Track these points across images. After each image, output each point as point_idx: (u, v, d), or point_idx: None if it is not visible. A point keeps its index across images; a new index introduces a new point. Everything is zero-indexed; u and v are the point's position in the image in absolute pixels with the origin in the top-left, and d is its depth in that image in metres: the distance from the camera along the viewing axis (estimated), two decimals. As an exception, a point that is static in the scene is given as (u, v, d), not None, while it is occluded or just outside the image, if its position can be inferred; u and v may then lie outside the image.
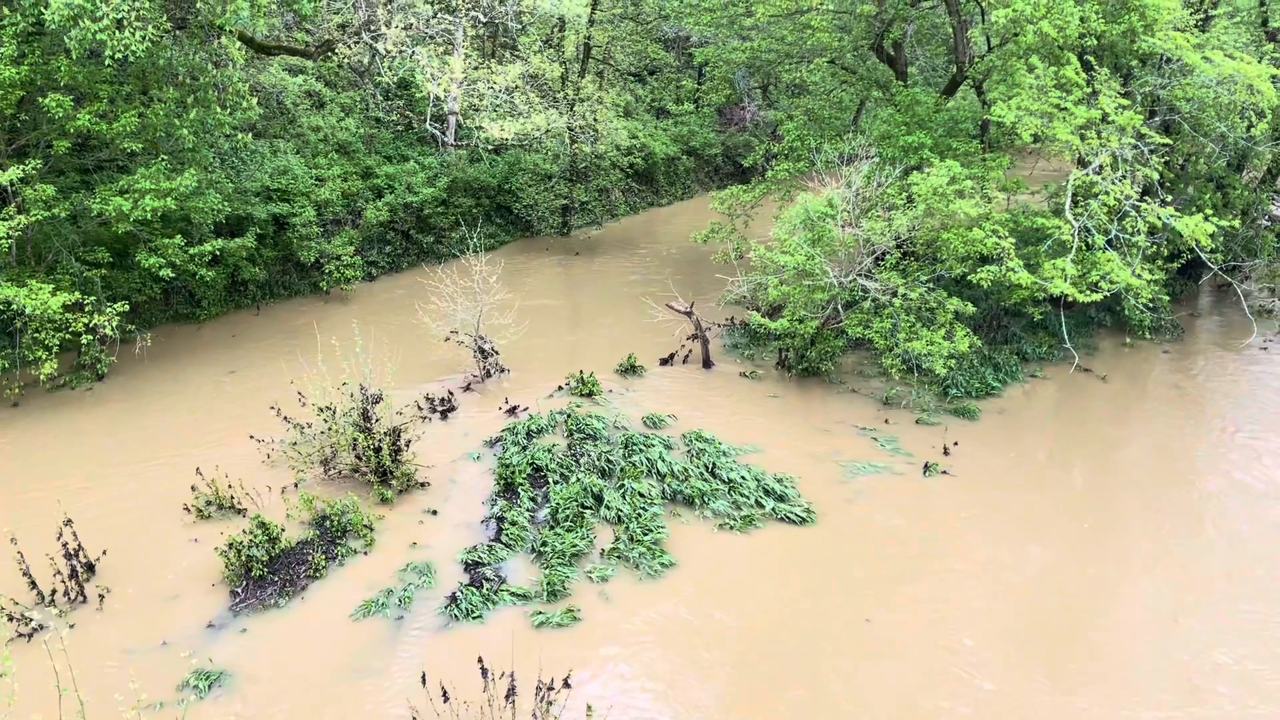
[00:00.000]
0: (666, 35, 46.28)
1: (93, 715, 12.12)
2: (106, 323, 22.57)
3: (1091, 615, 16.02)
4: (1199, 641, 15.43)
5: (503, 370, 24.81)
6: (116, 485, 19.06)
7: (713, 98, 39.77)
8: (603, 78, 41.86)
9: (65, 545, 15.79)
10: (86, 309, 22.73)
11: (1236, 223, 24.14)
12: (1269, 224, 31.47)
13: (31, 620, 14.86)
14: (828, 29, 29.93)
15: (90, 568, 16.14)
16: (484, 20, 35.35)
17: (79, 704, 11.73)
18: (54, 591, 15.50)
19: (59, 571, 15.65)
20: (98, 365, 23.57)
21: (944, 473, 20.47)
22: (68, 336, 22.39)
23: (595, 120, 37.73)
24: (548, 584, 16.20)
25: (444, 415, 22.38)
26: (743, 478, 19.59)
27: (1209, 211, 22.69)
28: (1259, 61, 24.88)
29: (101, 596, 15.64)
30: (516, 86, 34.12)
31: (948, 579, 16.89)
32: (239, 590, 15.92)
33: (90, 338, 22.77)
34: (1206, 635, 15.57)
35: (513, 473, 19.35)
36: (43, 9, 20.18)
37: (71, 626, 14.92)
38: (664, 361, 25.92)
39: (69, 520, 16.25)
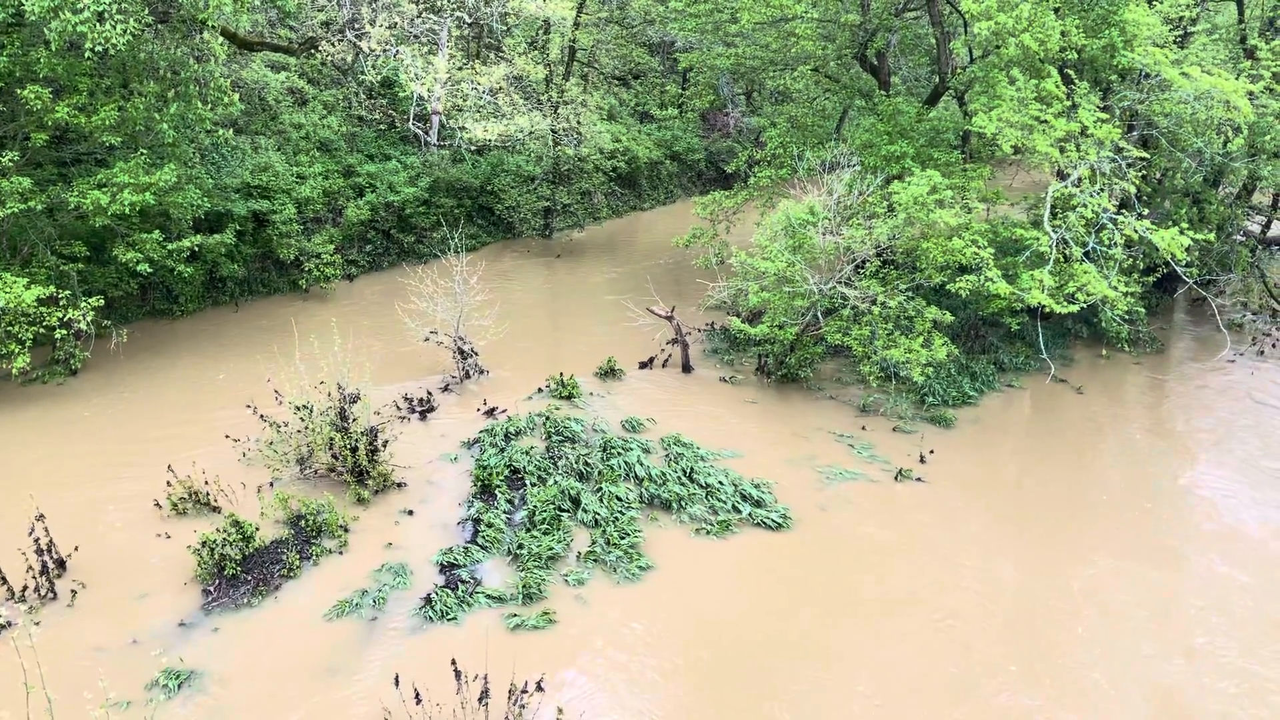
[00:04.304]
0: (651, 40, 46.41)
1: (61, 713, 12.00)
2: (82, 317, 22.36)
3: (1058, 626, 16.15)
4: (1164, 655, 15.58)
5: (482, 371, 24.75)
6: (89, 481, 18.87)
7: (697, 103, 39.95)
8: (587, 81, 41.93)
9: (37, 541, 15.62)
10: (62, 303, 22.49)
11: (1212, 237, 24.41)
12: (1243, 239, 31.85)
13: (0, 616, 14.69)
14: (812, 37, 30.08)
15: (61, 564, 15.97)
16: (469, 21, 35.30)
17: (47, 702, 11.61)
18: (24, 588, 15.32)
19: (30, 567, 15.48)
20: (72, 360, 23.34)
21: (918, 480, 20.59)
22: (42, 330, 22.16)
23: (579, 123, 37.76)
24: (523, 587, 16.17)
25: (422, 416, 22.31)
26: (720, 483, 19.63)
27: (1185, 225, 22.93)
28: (1236, 78, 25.18)
29: (74, 593, 15.47)
30: (500, 88, 34.09)
31: (918, 587, 16.97)
32: (211, 589, 15.80)
33: (65, 332, 22.54)
34: (1173, 649, 15.71)
35: (490, 474, 19.30)
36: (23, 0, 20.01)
37: (37, 624, 14.73)
38: (644, 365, 25.94)
39: (41, 515, 16.09)
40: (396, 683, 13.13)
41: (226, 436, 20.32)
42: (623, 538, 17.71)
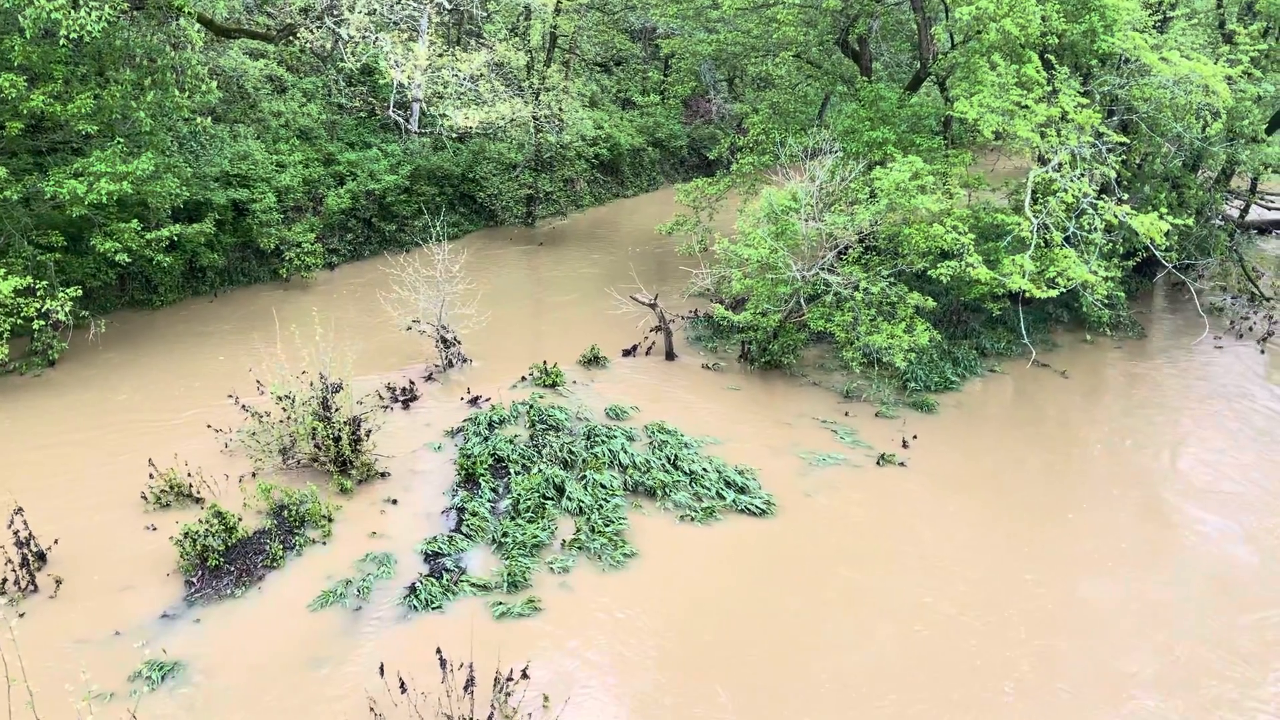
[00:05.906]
0: (633, 26, 46.20)
1: (42, 706, 11.95)
2: (59, 308, 22.13)
3: (1038, 610, 16.27)
4: (1142, 638, 15.68)
5: (465, 360, 24.69)
6: (69, 473, 18.74)
7: (679, 90, 39.78)
8: (568, 67, 41.68)
9: (16, 533, 15.52)
10: (39, 294, 22.26)
11: (1191, 221, 24.54)
12: (1222, 223, 32.04)
13: (-20, 610, 14.60)
14: (794, 23, 30.01)
15: (41, 556, 15.87)
16: (449, 7, 35.06)
17: (29, 694, 11.55)
18: (4, 580, 15.23)
19: (9, 560, 15.38)
20: (49, 351, 23.13)
21: (901, 465, 20.68)
22: (19, 321, 21.94)
23: (560, 110, 37.59)
24: (508, 575, 16.17)
25: (405, 405, 22.24)
26: (704, 470, 19.66)
27: (1164, 210, 23.03)
28: (1215, 62, 25.29)
29: (58, 583, 15.38)
30: (481, 74, 33.89)
31: (900, 571, 17.07)
32: (194, 580, 15.73)
33: (42, 323, 22.34)
34: (1151, 631, 15.81)
35: (474, 463, 19.28)
36: (-5, -14, 19.76)
37: (21, 616, 14.66)
38: (627, 353, 25.93)
39: (19, 508, 15.96)
40: (381, 672, 13.11)
41: (208, 427, 20.20)
42: (607, 525, 17.73)
